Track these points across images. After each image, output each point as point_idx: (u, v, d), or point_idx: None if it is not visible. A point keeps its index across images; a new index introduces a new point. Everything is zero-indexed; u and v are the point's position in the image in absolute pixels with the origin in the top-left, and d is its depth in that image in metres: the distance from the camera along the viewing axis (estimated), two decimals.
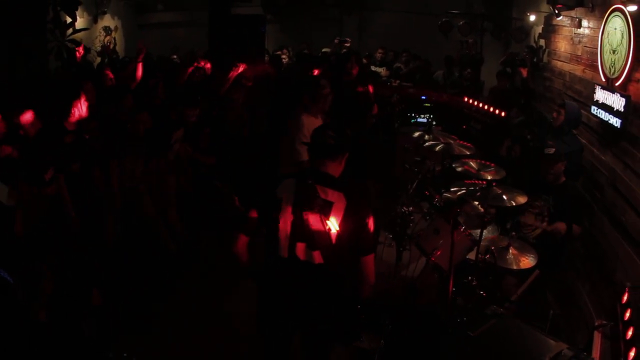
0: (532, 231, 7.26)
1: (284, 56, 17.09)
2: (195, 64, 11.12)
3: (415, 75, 15.81)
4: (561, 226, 7.04)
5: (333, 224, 4.49)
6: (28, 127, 7.11)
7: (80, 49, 11.44)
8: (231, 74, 10.60)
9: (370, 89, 10.64)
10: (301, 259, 4.59)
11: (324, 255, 4.55)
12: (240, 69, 10.79)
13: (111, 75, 10.08)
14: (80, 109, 7.48)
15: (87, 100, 7.68)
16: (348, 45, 16.92)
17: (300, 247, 4.57)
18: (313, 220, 4.51)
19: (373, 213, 4.68)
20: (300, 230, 4.54)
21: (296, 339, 5.00)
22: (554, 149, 7.27)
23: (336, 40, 17.03)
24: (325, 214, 4.48)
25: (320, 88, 7.79)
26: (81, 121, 7.59)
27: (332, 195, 4.52)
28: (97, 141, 7.95)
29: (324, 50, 17.48)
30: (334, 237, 4.51)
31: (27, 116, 7.09)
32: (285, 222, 4.57)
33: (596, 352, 4.62)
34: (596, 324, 4.97)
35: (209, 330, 7.16)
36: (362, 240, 4.59)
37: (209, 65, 11.47)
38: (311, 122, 7.39)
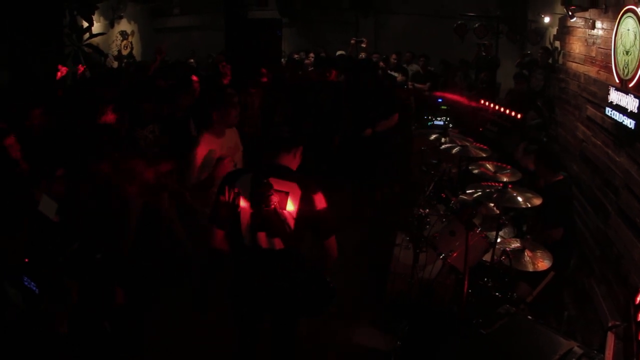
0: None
1: (307, 61, 17.16)
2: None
3: (439, 79, 15.86)
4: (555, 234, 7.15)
5: (290, 212, 4.90)
6: (34, 120, 7.21)
7: (64, 70, 11.40)
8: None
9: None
10: (263, 247, 5.00)
11: (284, 241, 4.97)
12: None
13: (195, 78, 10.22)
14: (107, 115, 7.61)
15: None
16: (364, 45, 16.98)
17: (261, 236, 4.98)
18: (270, 210, 4.88)
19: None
20: (259, 220, 4.93)
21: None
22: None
23: (352, 41, 17.09)
24: (281, 203, 4.88)
25: (229, 96, 7.47)
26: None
27: (287, 186, 4.92)
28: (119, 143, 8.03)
29: (339, 53, 17.55)
30: (292, 224, 4.92)
31: (36, 112, 7.20)
32: (245, 214, 4.96)
33: (609, 352, 4.66)
34: (609, 324, 5.01)
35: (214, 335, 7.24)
36: (320, 225, 5.02)
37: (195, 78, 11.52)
38: (213, 143, 7.25)
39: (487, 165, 7.55)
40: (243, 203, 4.98)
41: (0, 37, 11.42)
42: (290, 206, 4.91)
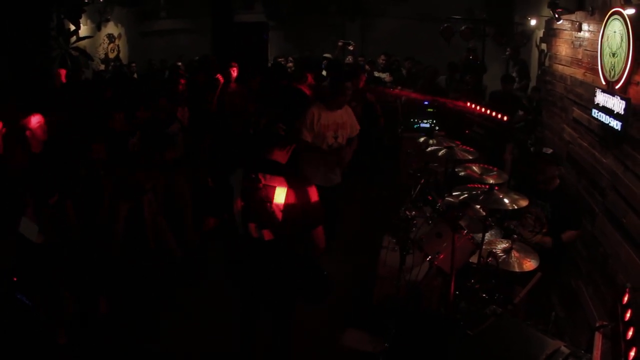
0: (532, 237, 7.29)
1: (290, 64, 17.15)
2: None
3: (418, 81, 15.82)
4: (547, 240, 7.12)
5: (277, 205, 5.27)
6: (36, 129, 7.13)
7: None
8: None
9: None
10: (253, 236, 5.39)
11: (273, 232, 5.34)
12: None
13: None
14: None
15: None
16: (352, 48, 16.98)
17: (251, 227, 5.37)
18: (259, 203, 5.27)
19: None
20: (249, 212, 5.35)
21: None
22: (552, 150, 7.30)
23: (340, 43, 17.10)
24: (268, 197, 5.27)
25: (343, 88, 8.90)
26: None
27: (274, 180, 5.31)
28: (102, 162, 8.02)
29: (325, 55, 17.54)
30: (279, 216, 5.29)
31: (35, 119, 7.12)
32: (237, 207, 5.37)
33: (597, 352, 4.66)
34: (597, 324, 5.01)
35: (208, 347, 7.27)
36: (307, 216, 5.38)
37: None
38: (322, 112, 8.86)
39: (474, 167, 7.54)
40: (235, 195, 5.36)
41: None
42: (278, 199, 5.27)
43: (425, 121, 13.45)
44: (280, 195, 5.28)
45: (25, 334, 5.84)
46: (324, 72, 14.52)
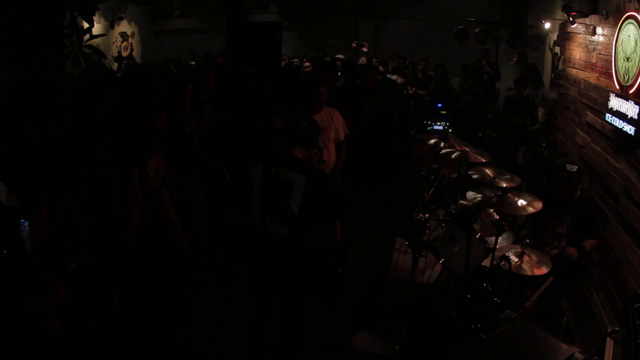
0: (550, 250, 7.28)
1: (306, 63, 17.13)
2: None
3: (431, 84, 15.81)
4: (572, 251, 7.06)
5: (294, 200, 5.38)
6: (31, 130, 7.22)
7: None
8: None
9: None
10: (269, 230, 5.52)
11: (289, 226, 5.47)
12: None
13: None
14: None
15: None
16: (365, 50, 16.99)
17: (268, 220, 5.51)
18: (277, 198, 5.40)
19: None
20: (267, 206, 5.49)
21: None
22: (577, 167, 7.25)
23: (354, 44, 17.12)
24: (286, 192, 5.38)
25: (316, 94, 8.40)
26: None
27: (294, 176, 5.41)
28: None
29: (337, 56, 17.56)
30: (296, 211, 5.40)
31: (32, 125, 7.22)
32: (256, 199, 5.53)
33: (608, 358, 4.66)
34: (608, 330, 5.01)
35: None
36: (324, 211, 5.54)
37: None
38: None
39: (487, 170, 7.54)
40: (255, 189, 5.52)
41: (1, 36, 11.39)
42: (296, 194, 5.38)
43: (438, 123, 13.46)
44: (298, 191, 5.39)
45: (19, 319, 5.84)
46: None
